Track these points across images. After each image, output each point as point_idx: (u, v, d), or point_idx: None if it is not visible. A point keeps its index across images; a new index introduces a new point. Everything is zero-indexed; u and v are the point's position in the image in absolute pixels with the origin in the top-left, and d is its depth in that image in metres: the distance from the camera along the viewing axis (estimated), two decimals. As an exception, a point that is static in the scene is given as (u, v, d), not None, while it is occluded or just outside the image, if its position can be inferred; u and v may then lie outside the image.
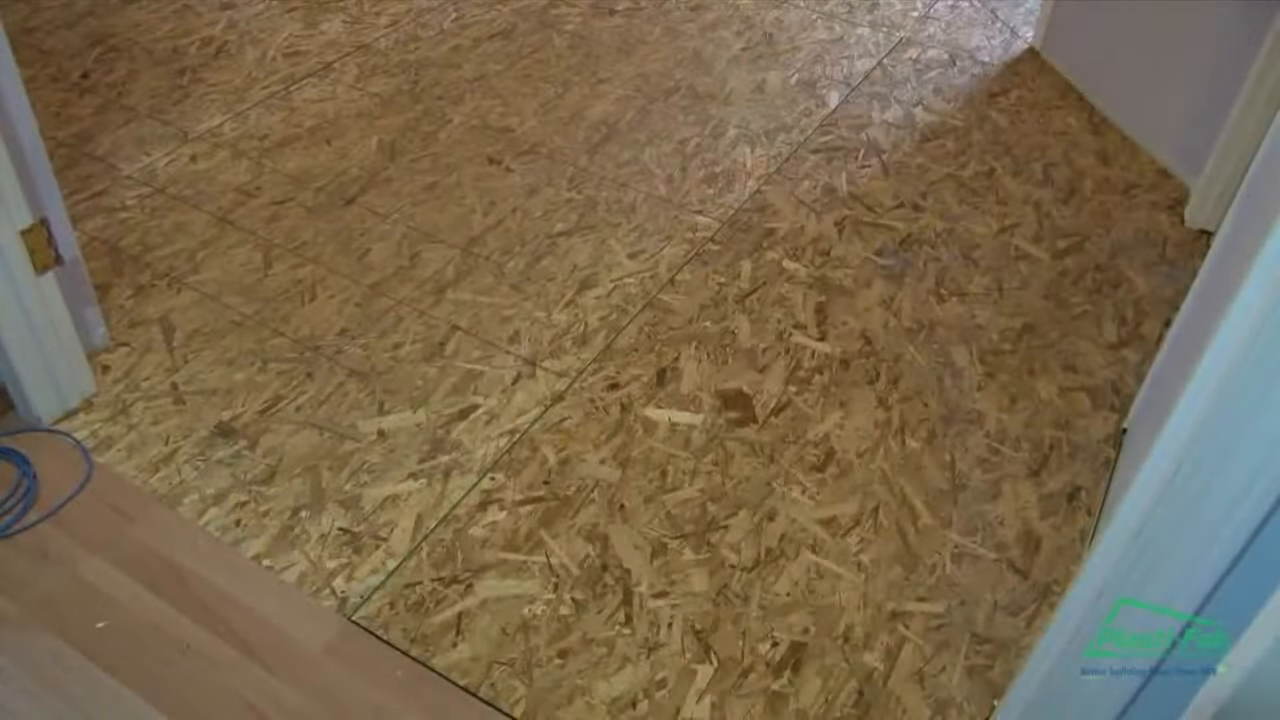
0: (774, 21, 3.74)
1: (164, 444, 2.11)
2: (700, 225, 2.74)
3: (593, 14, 3.73)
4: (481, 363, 2.30)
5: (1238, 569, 1.15)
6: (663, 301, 2.49)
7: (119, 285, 2.50)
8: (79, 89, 3.22)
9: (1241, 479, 1.10)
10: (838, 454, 2.13)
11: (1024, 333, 2.44)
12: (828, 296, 2.52)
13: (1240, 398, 1.08)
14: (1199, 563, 1.17)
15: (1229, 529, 1.13)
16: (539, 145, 3.02)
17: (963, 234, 2.73)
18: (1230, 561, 1.15)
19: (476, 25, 3.63)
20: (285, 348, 2.33)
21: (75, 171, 2.85)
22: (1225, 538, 1.14)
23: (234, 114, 3.11)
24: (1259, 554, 1.13)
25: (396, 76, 3.33)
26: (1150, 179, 2.98)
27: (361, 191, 2.81)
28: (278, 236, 2.65)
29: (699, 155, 3.00)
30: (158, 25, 3.57)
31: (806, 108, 3.24)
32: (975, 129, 3.17)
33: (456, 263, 2.58)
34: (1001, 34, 3.71)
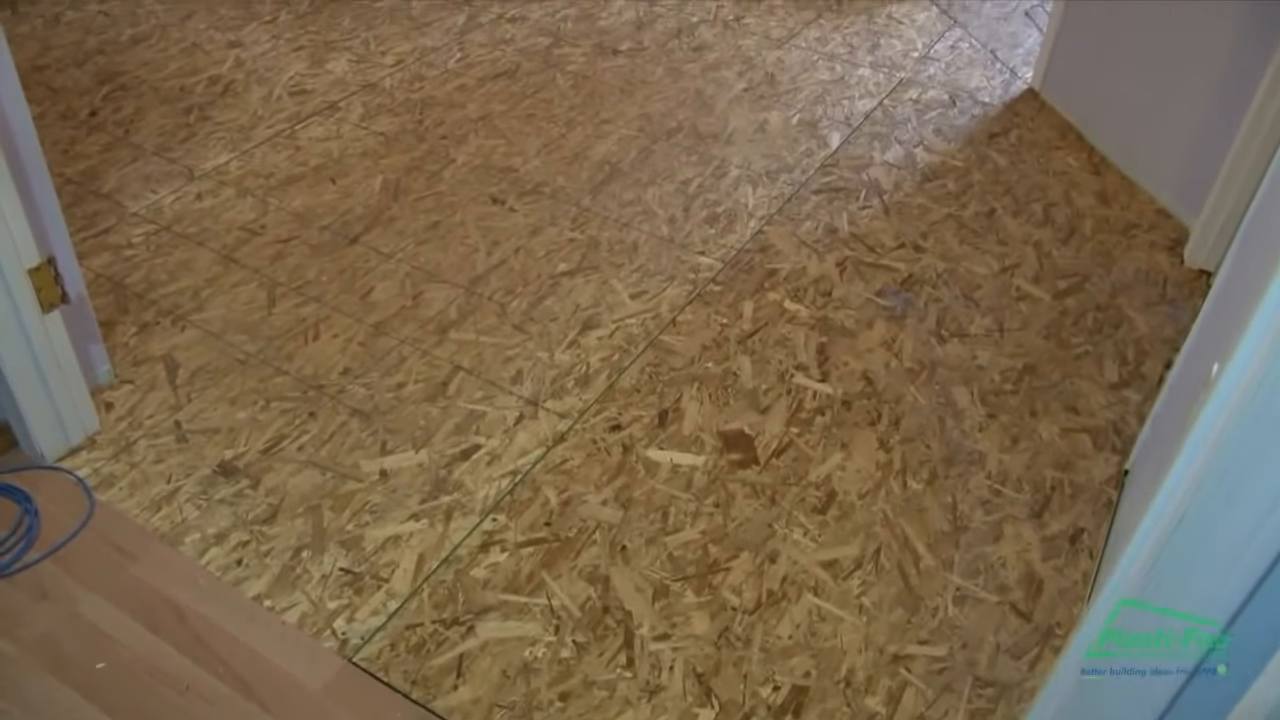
0: (776, 62, 3.77)
1: (166, 482, 2.12)
2: (702, 266, 2.75)
3: (596, 54, 3.77)
4: (484, 403, 2.31)
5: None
6: (665, 342, 2.50)
7: (124, 322, 2.51)
8: (87, 126, 3.25)
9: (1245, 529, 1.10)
10: (839, 495, 2.13)
11: (1025, 373, 2.45)
12: (829, 337, 2.53)
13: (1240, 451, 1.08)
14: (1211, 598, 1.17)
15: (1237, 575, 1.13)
16: (542, 185, 3.03)
17: (964, 274, 2.74)
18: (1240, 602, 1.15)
19: (481, 65, 3.67)
20: (288, 386, 2.34)
21: (82, 208, 2.87)
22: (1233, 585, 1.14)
23: (240, 152, 3.14)
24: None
25: (401, 116, 3.35)
26: (1150, 219, 2.99)
27: (365, 230, 2.83)
28: (282, 275, 2.66)
29: (701, 195, 3.02)
30: (166, 64, 3.61)
31: (808, 148, 3.27)
32: (975, 169, 3.19)
33: (459, 302, 2.59)
34: (1001, 75, 3.74)
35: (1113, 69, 3.26)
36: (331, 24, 3.90)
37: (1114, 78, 3.26)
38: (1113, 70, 3.26)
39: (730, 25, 4.00)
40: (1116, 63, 3.24)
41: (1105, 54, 3.30)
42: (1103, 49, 3.31)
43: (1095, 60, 3.35)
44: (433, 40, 3.82)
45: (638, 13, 4.08)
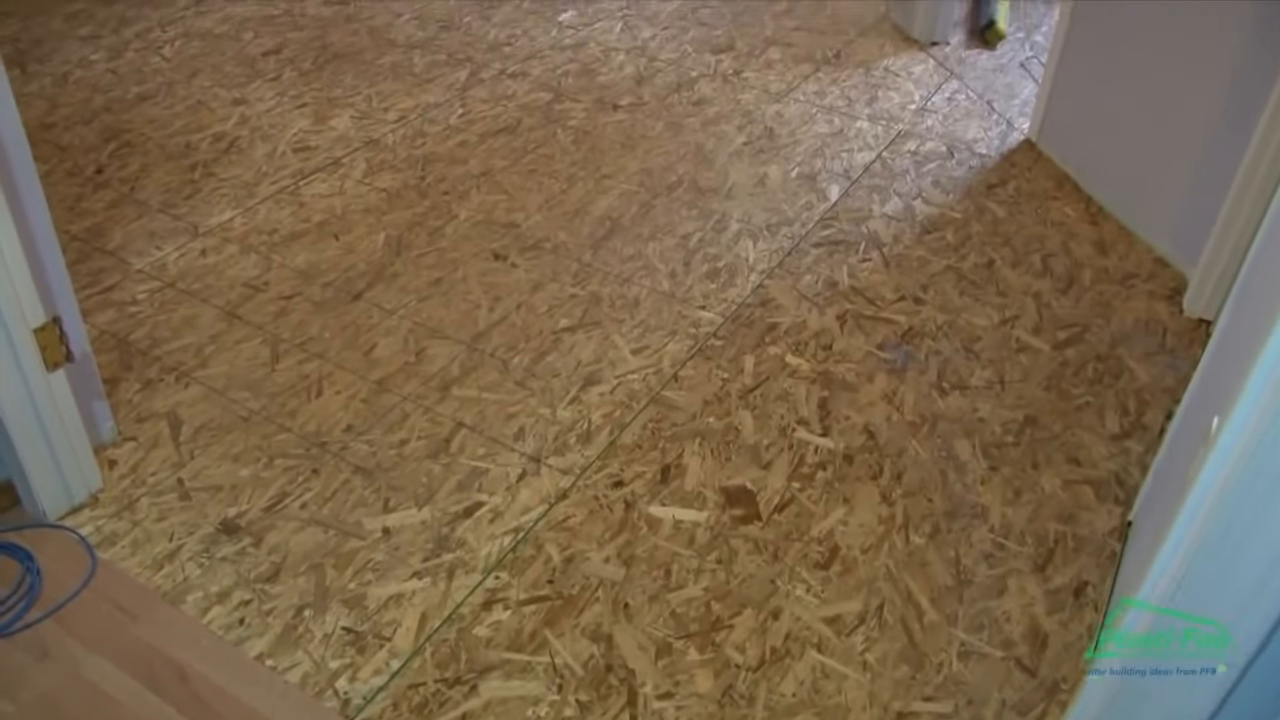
0: (774, 116, 3.80)
1: (169, 540, 2.12)
2: (703, 320, 2.76)
3: (596, 109, 3.80)
4: (486, 460, 2.32)
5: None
6: (666, 398, 2.51)
7: (128, 379, 2.52)
8: (93, 183, 3.28)
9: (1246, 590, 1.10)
10: (842, 551, 2.12)
11: (1026, 425, 2.45)
12: (830, 391, 2.53)
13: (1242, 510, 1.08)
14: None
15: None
16: (544, 240, 3.05)
17: (964, 326, 2.75)
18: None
19: (482, 121, 3.70)
20: (291, 443, 2.35)
21: (87, 265, 2.90)
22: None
23: (244, 209, 3.16)
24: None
25: (404, 172, 3.38)
26: (1148, 268, 3.01)
27: (368, 287, 2.84)
28: (285, 331, 2.67)
29: (702, 250, 3.04)
30: (171, 121, 3.65)
31: (807, 201, 3.29)
32: (974, 220, 3.21)
33: (462, 359, 2.60)
34: (998, 126, 3.77)
35: (1108, 119, 3.30)
36: (335, 81, 3.94)
37: (1109, 127, 3.29)
38: (1108, 120, 3.29)
39: (729, 79, 4.05)
40: (1112, 113, 3.27)
41: (1100, 104, 3.33)
42: (1098, 99, 3.34)
43: (1091, 110, 3.39)
44: (435, 96, 3.86)
45: (638, 67, 4.13)
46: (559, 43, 4.33)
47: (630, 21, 4.55)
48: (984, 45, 4.44)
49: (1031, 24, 4.67)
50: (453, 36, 4.35)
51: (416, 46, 4.25)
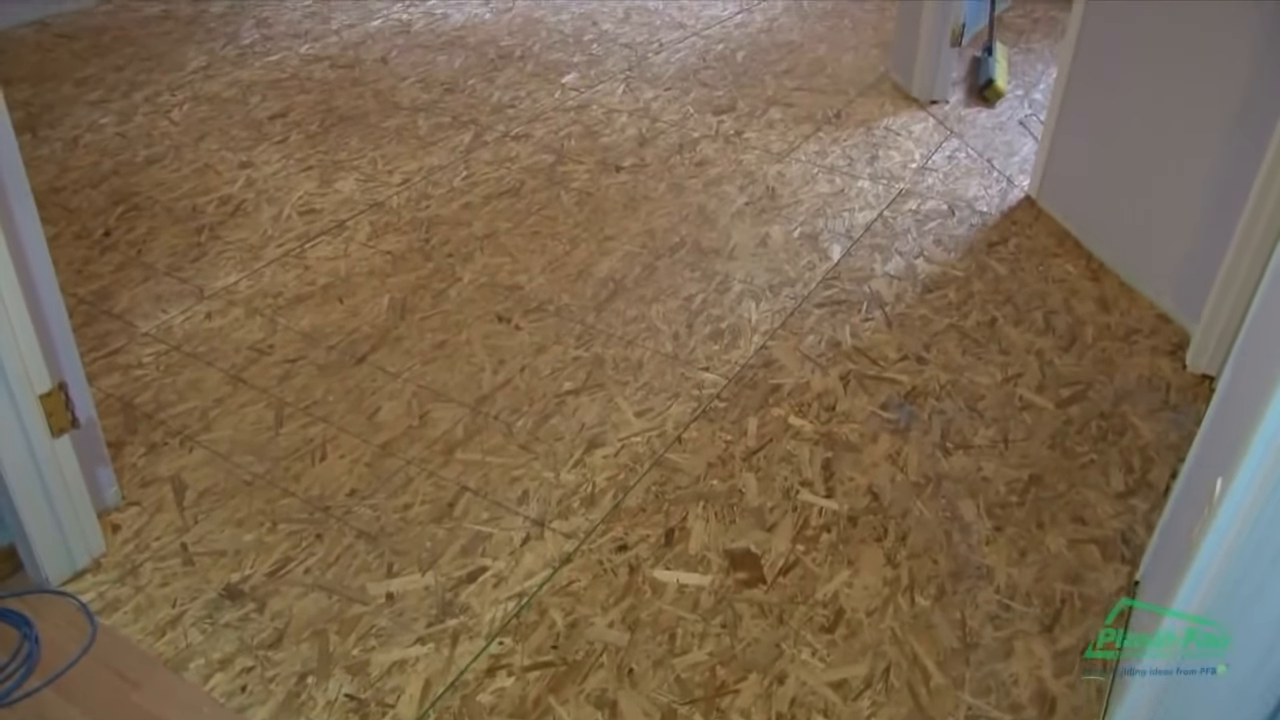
0: (776, 176, 3.83)
1: (171, 606, 2.11)
2: (706, 382, 2.77)
3: (599, 171, 3.84)
4: (490, 524, 2.31)
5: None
6: (670, 460, 2.51)
7: (132, 443, 2.53)
8: (100, 246, 3.31)
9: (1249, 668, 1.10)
10: (847, 614, 2.11)
11: (1031, 484, 2.45)
12: (834, 452, 2.53)
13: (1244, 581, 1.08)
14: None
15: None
16: (547, 303, 3.07)
17: (967, 385, 2.76)
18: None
19: (486, 183, 3.74)
20: (295, 508, 2.35)
21: (93, 329, 2.91)
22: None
23: (249, 271, 3.19)
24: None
25: (408, 234, 3.41)
26: (1150, 324, 3.01)
27: (372, 350, 2.86)
28: (289, 395, 2.68)
29: (705, 311, 3.05)
30: (179, 184, 3.68)
31: (810, 261, 3.31)
32: (976, 279, 3.22)
33: (466, 422, 2.61)
34: (998, 183, 3.80)
35: (1107, 175, 3.32)
36: (340, 144, 3.99)
37: (1109, 184, 3.31)
38: (1107, 176, 3.32)
39: (731, 140, 4.09)
40: (1111, 169, 3.30)
41: (1099, 161, 3.36)
42: (1097, 156, 3.37)
43: (1090, 167, 3.41)
44: (439, 159, 3.90)
45: (640, 129, 4.17)
46: (562, 105, 4.38)
47: (632, 83, 4.61)
48: (983, 103, 4.49)
49: (1030, 81, 4.72)
50: (457, 99, 4.41)
51: (421, 109, 4.30)
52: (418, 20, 5.32)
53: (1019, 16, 5.60)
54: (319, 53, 4.87)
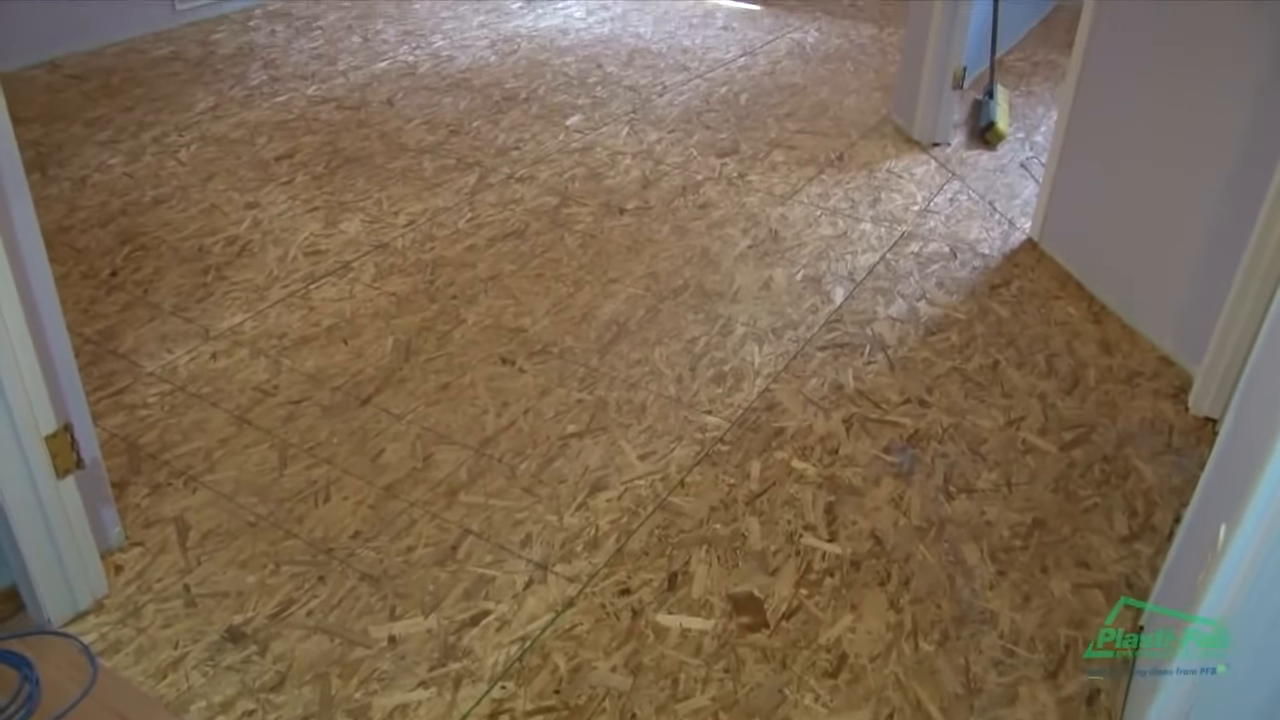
0: (779, 218, 3.86)
1: (173, 648, 2.11)
2: (710, 425, 2.77)
3: (603, 213, 3.86)
4: (493, 567, 2.31)
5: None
6: (673, 504, 2.51)
7: (136, 483, 2.53)
8: (107, 286, 3.33)
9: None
10: (850, 659, 2.11)
11: (1034, 528, 2.44)
12: (837, 496, 2.53)
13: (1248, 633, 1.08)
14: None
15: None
16: (551, 345, 3.08)
17: (969, 428, 2.76)
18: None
19: (491, 225, 3.76)
20: (298, 550, 2.35)
21: (99, 368, 2.92)
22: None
23: (254, 312, 3.20)
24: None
25: (413, 276, 3.42)
26: (1152, 367, 3.02)
27: (377, 391, 2.87)
28: (293, 436, 2.69)
29: (708, 354, 3.06)
30: (186, 224, 3.71)
31: (813, 304, 3.32)
32: (978, 321, 3.23)
33: (469, 464, 2.61)
34: (1000, 226, 3.82)
35: (1109, 217, 3.34)
36: (346, 185, 4.01)
37: (1110, 226, 3.33)
38: (1109, 219, 3.34)
39: (734, 182, 4.12)
40: (1112, 211, 3.32)
41: (1101, 203, 3.38)
42: (1098, 198, 3.39)
43: (1091, 209, 3.43)
44: (444, 200, 3.93)
45: (644, 171, 4.20)
46: (566, 147, 4.41)
47: (636, 126, 4.65)
48: (984, 146, 4.52)
49: (1031, 124, 4.76)
50: (462, 141, 4.44)
51: (426, 151, 4.34)
52: (423, 62, 5.38)
53: (1020, 60, 5.65)
54: (325, 94, 4.92)
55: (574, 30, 5.96)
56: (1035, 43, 5.99)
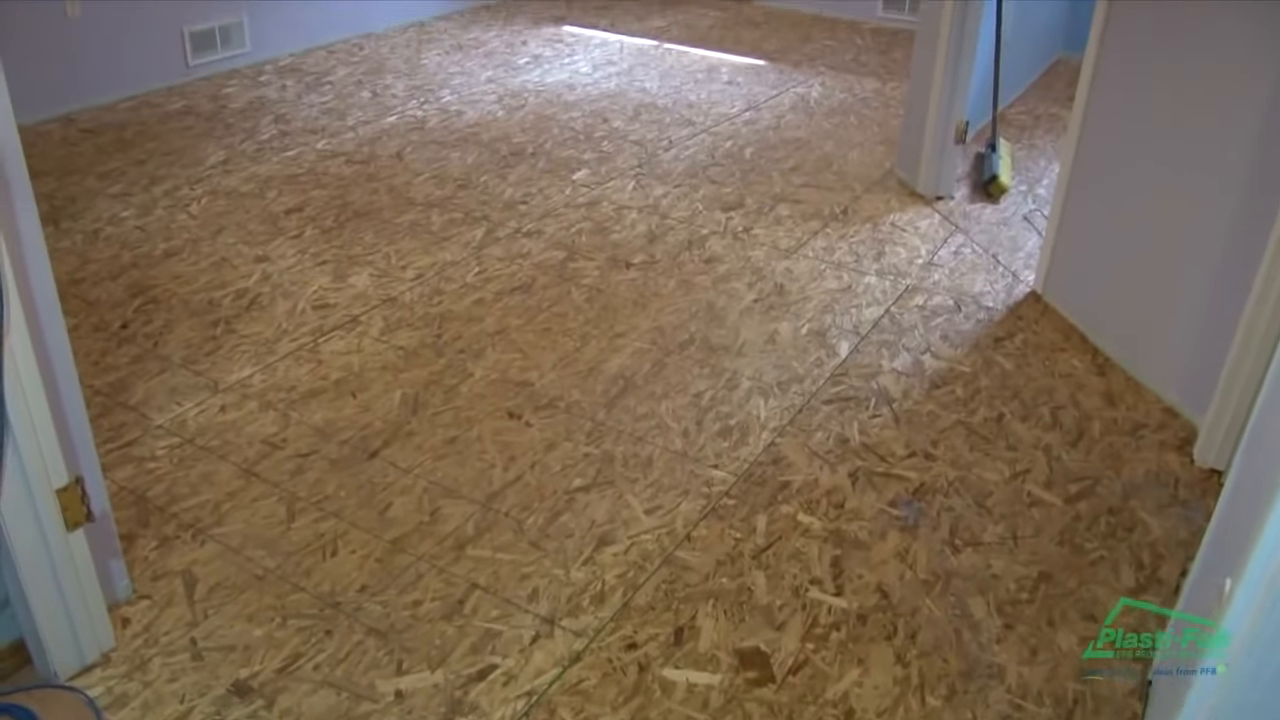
0: (784, 272, 3.88)
1: (180, 702, 2.10)
2: (716, 479, 2.78)
3: (609, 268, 3.89)
4: (500, 621, 2.31)
5: None
6: (679, 558, 2.51)
7: (144, 536, 2.54)
8: (118, 338, 3.35)
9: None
10: (857, 714, 2.10)
11: (1041, 581, 2.44)
12: (843, 550, 2.54)
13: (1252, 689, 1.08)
14: None
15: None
16: (558, 399, 3.10)
17: (975, 481, 2.77)
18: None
19: (498, 279, 3.79)
20: (305, 603, 2.35)
21: (109, 420, 2.94)
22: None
23: (263, 365, 3.22)
24: None
25: (420, 330, 3.45)
26: (1157, 418, 3.03)
27: (384, 445, 2.88)
28: (301, 489, 2.70)
29: (714, 408, 3.07)
30: (196, 277, 3.74)
31: (818, 358, 3.34)
32: (983, 374, 3.25)
33: (476, 518, 2.62)
34: (1004, 279, 3.84)
35: (1111, 270, 3.37)
36: (354, 239, 4.05)
37: (1113, 278, 3.36)
38: (1112, 271, 3.36)
39: (740, 237, 4.15)
40: (1115, 263, 3.34)
41: (1103, 255, 3.41)
42: (1101, 250, 3.42)
43: (1094, 262, 3.46)
44: (451, 254, 3.96)
45: (649, 225, 4.24)
46: (573, 201, 4.46)
47: (642, 180, 4.70)
48: (987, 199, 4.56)
49: (1033, 178, 4.80)
50: (470, 195, 4.49)
51: (434, 205, 4.38)
52: (432, 117, 5.44)
53: (1021, 113, 5.71)
54: (335, 148, 4.98)
55: (580, 85, 6.03)
56: (1036, 96, 6.05)
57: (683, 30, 7.28)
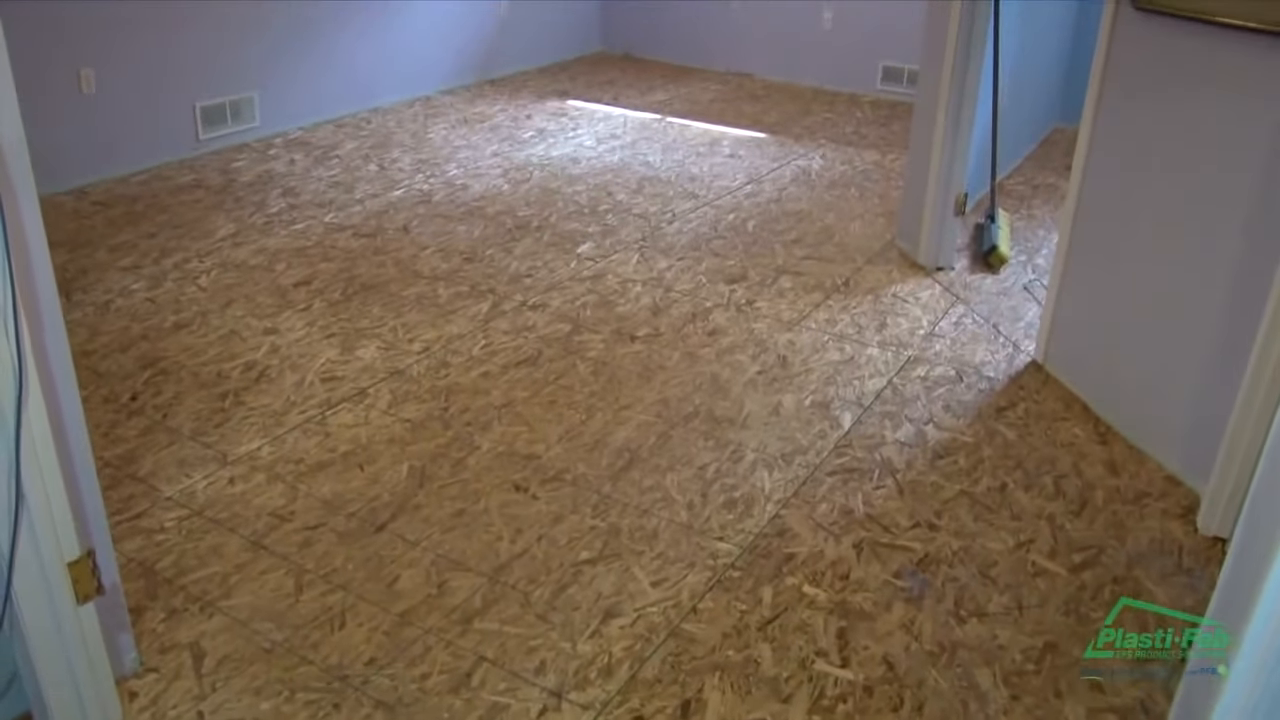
0: (787, 344, 3.92)
1: (187, 778, 2.11)
2: (721, 552, 2.79)
3: (615, 341, 3.93)
4: (507, 695, 2.31)
5: None
6: (686, 630, 2.51)
7: (153, 608, 2.55)
8: (128, 410, 3.38)
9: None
10: (865, 788, 2.10)
11: (1047, 651, 2.45)
12: (848, 621, 2.54)
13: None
14: None
15: None
16: (564, 472, 3.11)
17: (979, 552, 2.78)
18: None
19: (504, 352, 3.82)
20: (313, 676, 2.35)
21: (118, 492, 2.96)
22: None
23: (272, 437, 3.25)
24: None
25: (427, 402, 3.48)
26: (1160, 486, 3.04)
27: (392, 518, 2.90)
28: (309, 562, 2.71)
29: (719, 480, 3.09)
30: (205, 349, 3.78)
31: (821, 429, 3.36)
32: (985, 444, 3.27)
33: (484, 591, 2.63)
34: (1005, 348, 3.88)
35: (1111, 339, 3.40)
36: (362, 311, 4.10)
37: (1113, 347, 3.39)
38: (1112, 340, 3.40)
39: (743, 309, 4.20)
40: (1115, 332, 3.38)
41: (1103, 324, 3.44)
42: (1101, 320, 3.45)
43: (1094, 331, 3.49)
44: (458, 327, 4.00)
45: (654, 298, 4.28)
46: (578, 274, 4.51)
47: (646, 253, 4.75)
48: (988, 269, 4.61)
49: (1033, 247, 4.86)
50: (475, 268, 4.54)
51: (441, 278, 4.43)
52: (438, 190, 5.52)
53: (1019, 183, 5.79)
54: (343, 221, 5.04)
55: (585, 159, 6.13)
56: (1034, 166, 6.14)
57: (685, 104, 7.41)
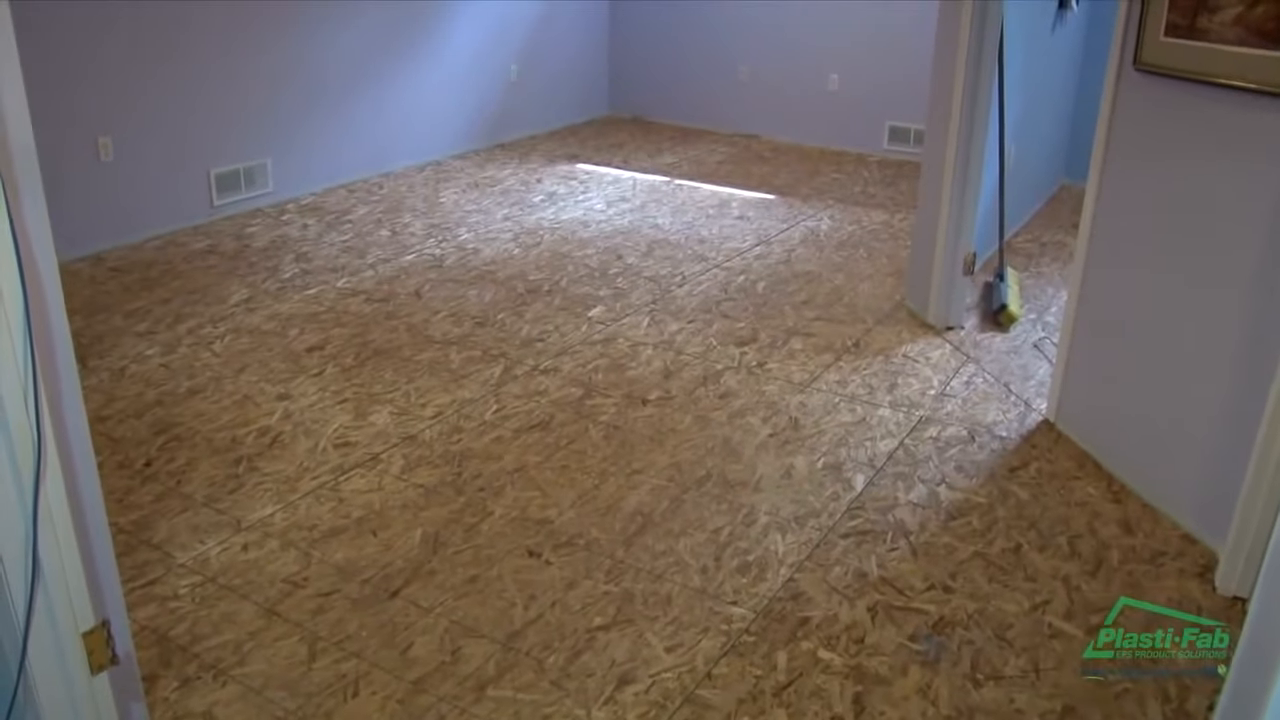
0: (798, 406, 3.93)
1: None
2: (735, 616, 2.78)
3: (626, 404, 3.94)
4: (522, 764, 2.30)
5: None
6: (700, 696, 2.50)
7: (166, 676, 2.54)
8: (142, 476, 3.40)
9: None
10: None
11: (1065, 715, 2.43)
12: (864, 686, 2.52)
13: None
14: None
15: None
16: (577, 537, 3.11)
17: (994, 614, 2.76)
18: None
19: (516, 416, 3.84)
20: (327, 747, 2.35)
21: (132, 559, 2.96)
22: None
23: (285, 504, 3.26)
24: None
25: (440, 468, 3.48)
26: (1176, 546, 3.03)
27: (405, 584, 2.89)
28: (323, 629, 2.71)
29: (732, 544, 3.08)
30: (219, 415, 3.80)
31: (834, 491, 3.36)
32: (998, 505, 3.26)
33: (497, 658, 2.62)
34: (1016, 407, 3.88)
35: (1123, 396, 3.39)
36: (375, 377, 4.12)
37: (1125, 404, 3.39)
38: (1123, 397, 3.39)
39: (753, 371, 4.21)
40: (1126, 389, 3.37)
41: (1114, 381, 3.44)
42: (1112, 376, 3.45)
43: (1106, 388, 3.49)
44: (470, 392, 4.02)
45: (665, 361, 4.30)
46: (589, 338, 4.53)
47: (657, 316, 4.78)
48: (998, 328, 4.62)
49: (1042, 305, 4.88)
50: (487, 333, 4.57)
51: (453, 343, 4.46)
52: (449, 255, 5.57)
53: (1028, 241, 5.82)
54: (355, 286, 5.09)
55: (595, 222, 6.18)
56: (1042, 224, 6.18)
57: (693, 166, 7.48)
